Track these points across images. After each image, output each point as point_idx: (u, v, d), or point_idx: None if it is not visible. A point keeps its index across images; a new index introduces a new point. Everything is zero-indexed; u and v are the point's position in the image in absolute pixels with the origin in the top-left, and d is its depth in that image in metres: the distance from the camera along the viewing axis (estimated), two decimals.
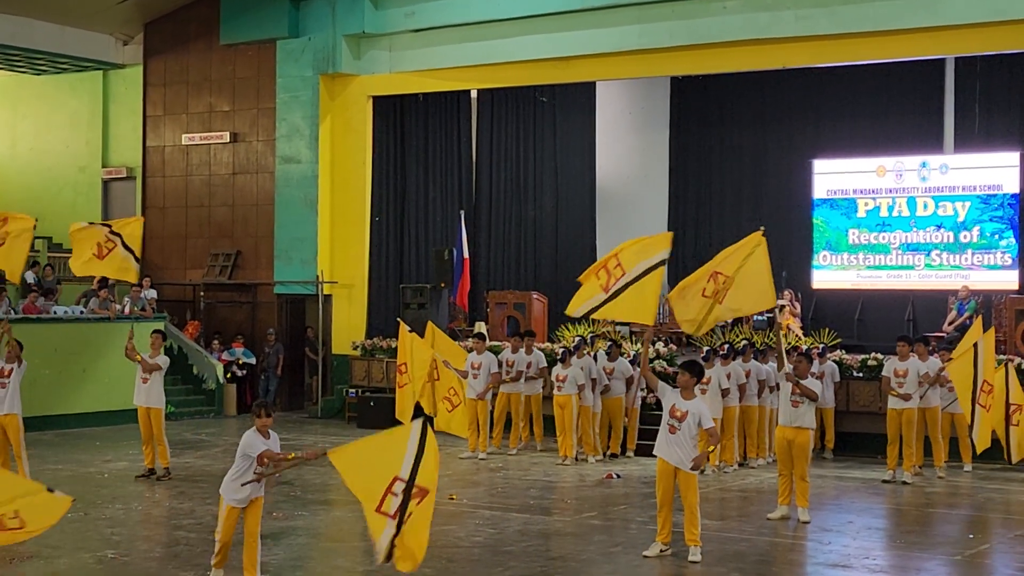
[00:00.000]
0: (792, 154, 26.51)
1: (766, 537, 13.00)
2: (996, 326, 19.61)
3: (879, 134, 25.60)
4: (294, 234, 25.03)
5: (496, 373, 18.94)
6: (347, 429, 22.29)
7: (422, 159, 25.62)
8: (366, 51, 24.56)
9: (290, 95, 25.04)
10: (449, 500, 15.05)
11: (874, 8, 19.80)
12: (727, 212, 27.99)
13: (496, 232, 26.60)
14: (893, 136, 25.49)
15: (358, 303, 24.58)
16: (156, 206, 27.42)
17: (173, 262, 27.17)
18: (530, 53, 22.62)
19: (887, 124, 25.65)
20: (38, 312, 22.41)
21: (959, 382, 15.78)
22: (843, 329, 22.74)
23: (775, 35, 20.56)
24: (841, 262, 25.69)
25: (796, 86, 25.92)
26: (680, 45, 21.36)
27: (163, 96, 27.26)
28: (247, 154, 26.25)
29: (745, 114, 27.48)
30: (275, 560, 11.13)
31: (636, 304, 12.74)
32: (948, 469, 17.13)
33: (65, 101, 28.98)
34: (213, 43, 26.05)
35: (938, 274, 24.59)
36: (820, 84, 25.70)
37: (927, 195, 24.94)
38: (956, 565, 11.98)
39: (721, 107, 27.79)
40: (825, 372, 18.83)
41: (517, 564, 11.55)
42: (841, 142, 25.93)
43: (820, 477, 16.93)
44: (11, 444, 14.91)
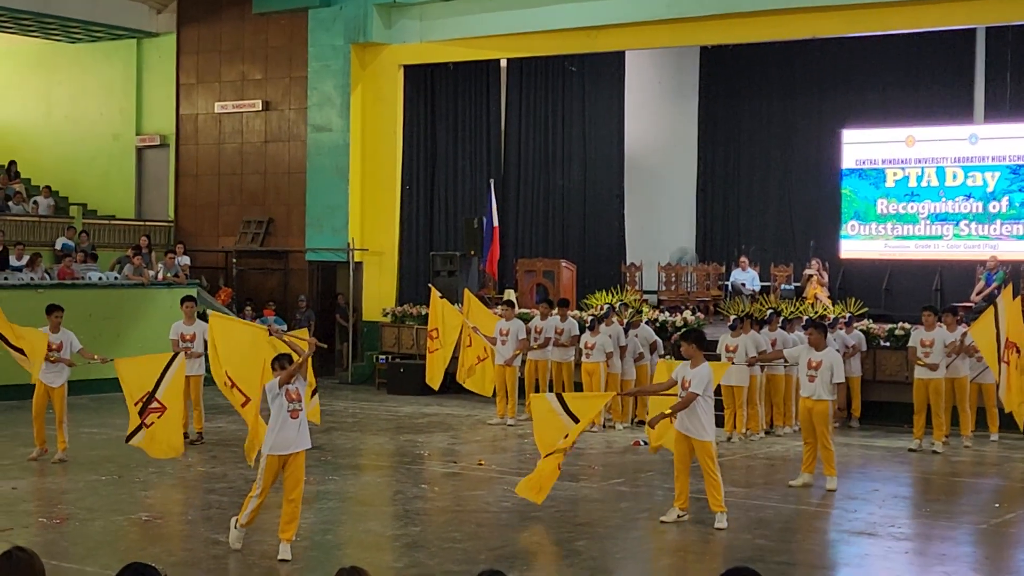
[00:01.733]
0: (821, 124, 26.39)
1: (791, 505, 12.99)
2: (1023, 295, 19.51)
3: (908, 104, 25.45)
4: (325, 202, 25.06)
5: (524, 340, 18.91)
6: (377, 395, 22.39)
7: (452, 128, 25.59)
8: (397, 20, 24.51)
9: (322, 64, 25.03)
10: (478, 466, 15.11)
11: None
12: (756, 182, 27.94)
13: (525, 201, 26.57)
14: (923, 106, 25.35)
15: (388, 271, 24.63)
16: (189, 174, 27.52)
17: (206, 229, 27.27)
18: (560, 22, 22.53)
19: (916, 94, 25.50)
20: (74, 277, 22.53)
21: (983, 344, 15.69)
22: (870, 299, 22.64)
23: (805, 5, 20.40)
24: (869, 232, 25.57)
25: (825, 56, 25.77)
26: (710, 14, 21.25)
27: (196, 64, 27.30)
28: (279, 122, 26.29)
29: (774, 84, 27.37)
30: (306, 523, 11.18)
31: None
32: (975, 439, 17.07)
33: (99, 69, 29.04)
34: (246, 12, 26.03)
35: (966, 244, 24.46)
36: (849, 54, 25.54)
37: (956, 165, 24.77)
38: (982, 534, 11.95)
39: (750, 77, 27.65)
40: (853, 341, 18.81)
41: (544, 529, 11.59)
42: (870, 112, 25.78)
43: (846, 445, 16.91)
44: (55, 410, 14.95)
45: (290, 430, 10.14)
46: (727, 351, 16.99)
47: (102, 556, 10.42)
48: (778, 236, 27.10)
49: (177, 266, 24.51)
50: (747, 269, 24.45)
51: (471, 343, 18.67)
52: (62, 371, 15.01)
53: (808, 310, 20.38)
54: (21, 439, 15.74)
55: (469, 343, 18.64)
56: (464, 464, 15.37)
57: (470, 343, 18.65)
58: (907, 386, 17.45)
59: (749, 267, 24.52)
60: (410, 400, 21.29)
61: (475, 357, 18.55)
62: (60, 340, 15.05)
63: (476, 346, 18.55)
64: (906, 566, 10.62)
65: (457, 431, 18.18)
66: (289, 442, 10.16)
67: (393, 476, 14.96)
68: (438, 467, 15.34)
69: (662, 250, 27.22)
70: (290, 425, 10.13)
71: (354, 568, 5.16)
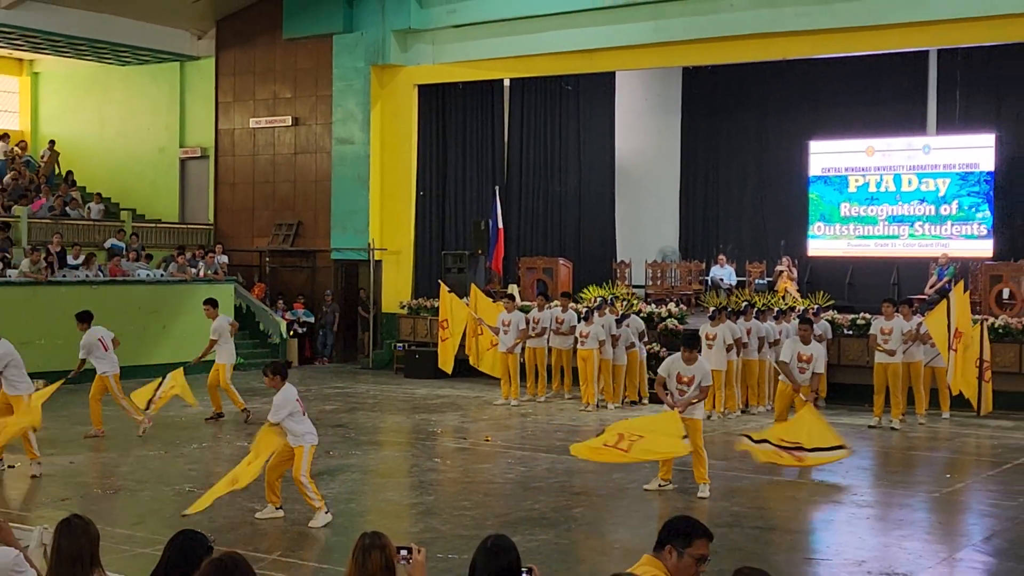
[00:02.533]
0: (791, 136, 26.34)
1: (765, 476, 12.97)
2: (972, 290, 19.56)
3: (868, 118, 25.39)
4: (348, 207, 25.05)
5: (523, 330, 18.91)
6: (395, 379, 22.39)
7: (461, 141, 25.56)
8: (412, 45, 24.48)
9: (345, 84, 25.01)
10: (485, 442, 15.11)
11: (865, 5, 19.63)
12: (732, 188, 27.90)
13: (526, 205, 26.53)
14: (881, 120, 25.28)
15: (405, 268, 24.61)
16: (227, 182, 27.53)
17: (242, 231, 27.27)
18: (557, 46, 22.53)
19: (876, 109, 25.43)
20: (123, 275, 22.54)
21: (936, 333, 15.73)
22: (835, 292, 22.62)
23: (777, 29, 20.41)
24: (834, 232, 25.54)
25: (795, 75, 25.70)
26: (691, 39, 21.22)
27: (233, 85, 27.29)
28: (307, 136, 26.28)
29: (749, 100, 27.31)
30: (331, 493, 11.18)
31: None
32: (928, 417, 17.08)
33: (147, 89, 29.04)
34: (277, 37, 26.01)
35: (920, 243, 24.43)
36: (817, 73, 25.47)
37: (911, 172, 24.75)
38: (935, 501, 11.94)
39: (728, 94, 27.59)
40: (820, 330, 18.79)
41: (544, 498, 11.59)
42: (834, 125, 25.73)
43: None
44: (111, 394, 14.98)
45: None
46: (707, 339, 17.03)
47: (150, 523, 10.44)
48: (752, 236, 27.06)
49: (216, 264, 24.54)
50: (724, 266, 24.42)
51: (481, 332, 18.73)
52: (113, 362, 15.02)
53: (779, 302, 20.39)
54: (77, 419, 15.75)
55: (480, 332, 18.71)
56: (473, 440, 15.37)
57: (481, 332, 18.71)
58: (868, 370, 17.45)
59: (726, 264, 24.49)
60: (424, 383, 21.29)
61: (488, 343, 18.69)
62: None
63: (486, 335, 18.68)
64: (868, 530, 10.61)
65: (466, 411, 18.18)
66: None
67: (409, 451, 14.96)
68: (449, 443, 15.35)
69: (649, 249, 27.18)
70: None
71: (375, 533, 5.14)
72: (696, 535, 4.99)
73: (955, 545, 10.11)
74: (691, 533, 5.00)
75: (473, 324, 19.14)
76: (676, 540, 4.98)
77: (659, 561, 4.99)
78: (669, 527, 5.06)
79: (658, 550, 5.02)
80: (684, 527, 5.04)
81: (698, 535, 4.99)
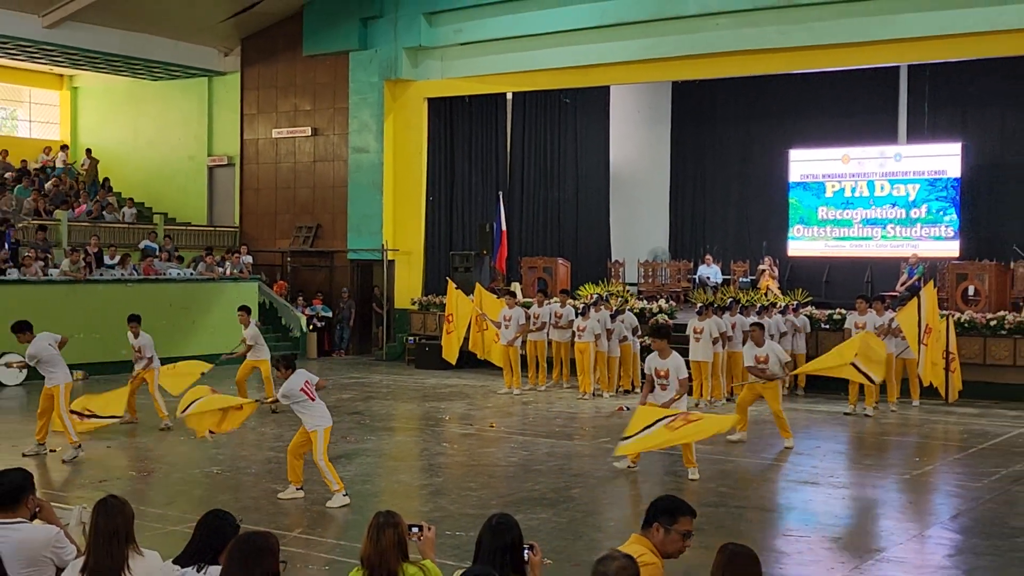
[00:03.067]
0: (772, 145, 26.36)
1: (748, 459, 12.98)
2: (939, 287, 19.60)
3: (844, 128, 25.42)
4: (363, 211, 25.05)
5: (524, 325, 18.92)
6: (407, 369, 22.39)
7: (467, 150, 25.56)
8: (422, 61, 24.47)
9: (360, 97, 25.00)
10: (489, 428, 15.11)
11: (841, 24, 19.62)
12: (718, 193, 27.93)
13: (528, 209, 26.54)
14: (856, 130, 25.31)
15: (416, 267, 24.60)
16: (251, 188, 27.53)
17: (265, 233, 27.27)
18: (555, 63, 22.51)
19: (851, 120, 25.46)
20: (156, 274, 22.55)
21: (907, 328, 15.71)
22: (813, 289, 22.65)
23: (759, 47, 20.38)
24: (812, 234, 25.56)
25: (776, 89, 25.73)
26: (680, 55, 21.20)
27: (257, 98, 27.29)
28: (325, 145, 26.27)
29: (734, 112, 27.32)
30: (347, 475, 11.18)
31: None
32: (899, 404, 17.06)
33: (177, 102, 29.04)
34: (297, 54, 26.02)
35: (892, 244, 24.45)
36: (796, 87, 25.50)
37: (883, 179, 24.76)
38: (906, 483, 11.94)
39: (714, 107, 27.61)
40: (799, 324, 18.81)
41: (544, 479, 11.59)
42: (812, 135, 25.75)
43: (793, 410, 16.87)
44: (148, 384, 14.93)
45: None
46: (695, 332, 17.04)
47: (180, 503, 10.44)
48: (737, 237, 27.07)
49: (241, 264, 24.54)
50: (711, 265, 24.42)
51: (486, 327, 18.73)
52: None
53: (762, 299, 20.38)
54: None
55: (485, 327, 18.71)
56: (478, 426, 15.37)
57: (486, 327, 18.72)
58: None
59: (713, 263, 24.50)
60: (434, 374, 21.29)
61: (494, 336, 18.71)
62: (140, 344, 15.05)
63: (491, 329, 18.69)
64: (843, 509, 10.60)
65: (472, 399, 18.17)
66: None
67: (420, 436, 14.96)
68: (457, 429, 15.35)
69: (641, 249, 27.21)
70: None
71: (388, 512, 5.14)
72: (680, 512, 5.00)
73: (924, 523, 10.10)
74: (676, 511, 5.01)
75: (477, 319, 19.15)
76: (662, 518, 4.98)
77: (646, 539, 4.99)
78: (656, 506, 5.07)
79: (646, 528, 5.02)
80: (669, 505, 5.05)
81: (682, 512, 5.01)
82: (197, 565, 4.84)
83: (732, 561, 4.46)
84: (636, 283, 25.25)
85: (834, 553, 8.82)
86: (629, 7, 21.31)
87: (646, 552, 4.89)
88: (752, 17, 20.30)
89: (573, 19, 21.96)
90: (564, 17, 22.05)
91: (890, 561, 8.58)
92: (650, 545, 4.96)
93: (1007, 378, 18.19)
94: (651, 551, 4.93)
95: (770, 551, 8.70)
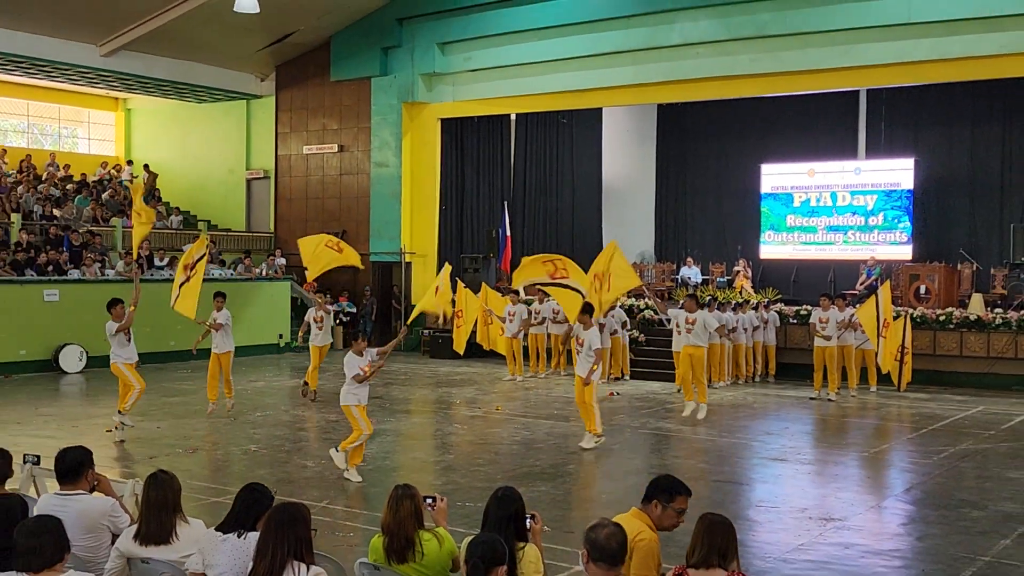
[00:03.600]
0: (745, 160, 26.31)
1: (725, 438, 12.97)
2: (894, 286, 19.59)
3: (809, 145, 25.37)
4: (384, 218, 25.07)
5: (526, 320, 18.93)
6: (422, 359, 22.40)
7: (475, 164, 25.56)
8: (436, 86, 24.48)
9: (381, 117, 25.00)
10: (496, 411, 15.11)
11: (806, 53, 19.62)
12: (698, 202, 27.89)
13: (529, 217, 26.53)
14: (820, 147, 25.27)
15: (430, 268, 24.57)
16: (285, 198, 27.52)
17: (297, 238, 27.01)
18: (554, 87, 22.54)
19: (815, 138, 25.41)
20: None
21: (866, 323, 15.71)
22: (782, 288, 22.62)
23: (734, 73, 20.40)
24: (781, 239, 25.51)
25: (749, 110, 25.69)
26: (664, 80, 21.21)
27: (290, 118, 27.28)
28: (350, 160, 26.26)
29: (712, 131, 27.28)
30: (370, 452, 11.19)
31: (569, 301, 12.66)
32: (859, 390, 17.05)
33: (219, 122, 29.05)
34: (326, 80, 26.02)
35: (852, 248, 24.40)
36: (767, 109, 25.47)
37: (845, 190, 24.70)
38: (865, 460, 11.93)
39: (694, 126, 27.58)
40: (769, 319, 18.80)
41: (545, 456, 11.59)
42: (781, 151, 25.70)
43: (764, 395, 16.89)
44: (223, 370, 14.30)
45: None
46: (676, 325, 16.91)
47: (221, 477, 10.45)
48: (714, 242, 27.03)
49: (276, 265, 24.54)
50: (692, 266, 24.39)
51: (491, 321, 18.71)
52: (225, 341, 14.34)
53: (736, 296, 20.35)
54: (163, 392, 15.79)
55: (491, 321, 18.70)
56: (486, 409, 15.38)
57: (491, 321, 18.70)
58: (809, 352, 17.41)
59: (693, 265, 24.46)
60: (446, 363, 21.29)
61: (499, 330, 18.70)
62: (220, 318, 14.48)
63: (496, 323, 18.67)
64: (809, 483, 10.60)
65: (480, 385, 18.18)
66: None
67: (433, 418, 14.97)
68: (466, 411, 15.35)
69: (629, 252, 27.08)
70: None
71: (406, 485, 5.15)
72: (678, 492, 4.98)
73: (881, 495, 10.10)
74: (674, 490, 4.98)
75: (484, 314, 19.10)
76: (661, 495, 4.96)
77: (645, 514, 4.96)
78: (656, 484, 5.02)
79: (645, 503, 4.98)
80: (669, 485, 5.01)
81: (680, 492, 4.98)
82: (237, 532, 4.85)
83: (711, 528, 4.47)
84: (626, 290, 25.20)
85: (801, 522, 8.81)
86: (619, 38, 21.32)
87: (644, 528, 4.87)
88: (728, 47, 20.31)
89: (569, 49, 21.98)
90: (561, 47, 22.07)
91: (850, 529, 8.58)
92: (648, 520, 4.94)
93: (955, 367, 18.20)
94: (649, 527, 4.92)
95: (744, 520, 8.70)
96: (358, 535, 8.08)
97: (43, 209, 23.51)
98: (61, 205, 24.29)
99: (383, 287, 25.72)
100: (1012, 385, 17.64)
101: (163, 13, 22.87)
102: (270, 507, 4.82)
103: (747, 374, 18.42)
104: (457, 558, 5.01)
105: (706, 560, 4.38)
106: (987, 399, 16.52)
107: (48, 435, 12.32)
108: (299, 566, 4.43)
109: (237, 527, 4.86)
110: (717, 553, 4.39)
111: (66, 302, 19.33)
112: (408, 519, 4.97)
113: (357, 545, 7.54)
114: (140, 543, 5.04)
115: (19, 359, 18.73)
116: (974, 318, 18.00)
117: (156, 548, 5.02)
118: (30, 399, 15.71)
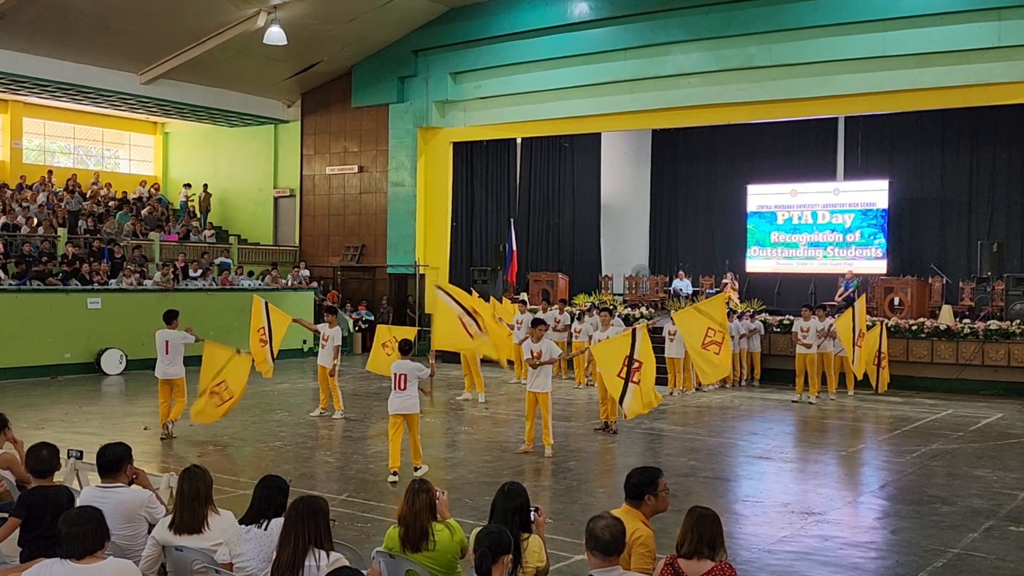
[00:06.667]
0: (733, 181, 26.31)
1: (714, 438, 12.95)
2: (870, 298, 19.57)
3: (792, 168, 25.36)
4: (400, 233, 25.10)
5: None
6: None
7: (484, 184, 25.59)
8: (448, 112, 24.54)
9: (398, 141, 25.07)
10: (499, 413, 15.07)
11: (790, 83, 19.64)
12: (689, 220, 27.86)
13: (534, 233, 26.53)
14: (801, 169, 25.26)
15: (442, 280, 24.55)
16: (309, 215, 27.57)
17: (320, 251, 27.32)
18: (556, 114, 22.58)
19: (798, 161, 25.41)
20: (231, 284, 22.60)
21: (843, 332, 15.72)
22: (767, 299, 22.57)
23: (723, 101, 20.42)
24: (766, 254, 25.48)
25: (737, 135, 25.70)
26: (659, 108, 21.24)
27: (314, 141, 27.36)
28: (369, 180, 26.32)
29: (702, 154, 27.29)
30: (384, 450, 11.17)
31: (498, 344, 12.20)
32: (837, 394, 17.01)
33: (248, 145, 29.15)
34: (347, 106, 26.10)
35: (831, 263, 24.35)
36: (753, 134, 25.48)
37: (825, 209, 24.69)
38: (842, 458, 11.90)
39: (686, 149, 27.58)
40: (755, 328, 18.76)
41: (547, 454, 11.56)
42: (766, 173, 25.70)
43: (750, 399, 16.84)
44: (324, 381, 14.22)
45: (392, 399, 10.10)
46: (669, 334, 16.99)
47: (249, 471, 10.45)
48: (704, 256, 27.01)
49: (300, 276, 24.58)
50: (683, 279, 24.35)
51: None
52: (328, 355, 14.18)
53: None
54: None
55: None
56: (493, 410, 15.37)
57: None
58: (791, 358, 17.40)
59: (685, 278, 24.42)
60: (456, 367, 21.19)
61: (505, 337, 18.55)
62: (330, 332, 14.18)
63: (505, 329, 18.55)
64: (791, 480, 10.57)
65: (488, 387, 18.16)
66: (391, 407, 10.12)
67: (444, 417, 14.96)
68: (475, 412, 15.34)
69: (626, 265, 27.15)
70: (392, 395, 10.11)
71: (422, 479, 5.17)
72: (656, 477, 4.98)
73: (858, 491, 10.07)
74: (654, 478, 4.97)
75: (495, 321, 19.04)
76: (649, 488, 4.94)
77: (638, 511, 4.91)
78: (639, 481, 4.95)
79: (637, 501, 4.94)
80: (649, 476, 4.99)
81: (658, 476, 4.98)
82: (259, 522, 4.86)
83: (699, 521, 4.46)
84: (622, 293, 25.19)
85: (783, 516, 8.79)
86: (617, 69, 21.37)
87: (639, 525, 4.83)
88: (718, 77, 20.35)
89: (571, 79, 22.04)
90: (564, 77, 22.13)
91: (829, 522, 8.55)
92: (641, 516, 4.90)
93: (926, 373, 18.15)
94: (643, 523, 4.88)
95: (731, 513, 8.68)
96: (374, 526, 8.08)
97: (87, 224, 23.59)
98: (104, 220, 24.38)
99: (399, 297, 25.74)
100: (979, 390, 17.60)
101: (198, 45, 23.02)
102: (286, 496, 4.86)
103: (734, 379, 18.37)
104: (466, 547, 5.02)
105: (695, 550, 4.38)
106: (956, 403, 16.47)
107: (90, 432, 12.35)
108: (319, 553, 4.44)
109: (259, 518, 4.87)
110: (706, 544, 4.39)
111: (107, 309, 19.39)
112: (424, 511, 4.99)
113: (374, 535, 7.54)
114: (174, 532, 5.05)
115: (64, 362, 18.83)
116: (944, 328, 17.97)
117: (189, 537, 5.04)
118: (74, 399, 15.76)
